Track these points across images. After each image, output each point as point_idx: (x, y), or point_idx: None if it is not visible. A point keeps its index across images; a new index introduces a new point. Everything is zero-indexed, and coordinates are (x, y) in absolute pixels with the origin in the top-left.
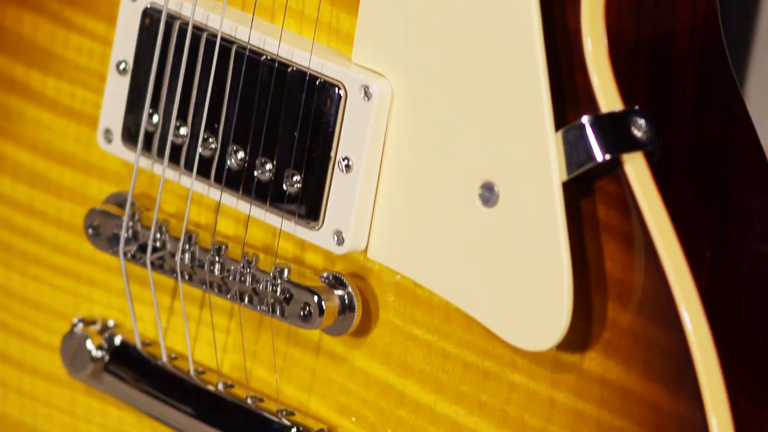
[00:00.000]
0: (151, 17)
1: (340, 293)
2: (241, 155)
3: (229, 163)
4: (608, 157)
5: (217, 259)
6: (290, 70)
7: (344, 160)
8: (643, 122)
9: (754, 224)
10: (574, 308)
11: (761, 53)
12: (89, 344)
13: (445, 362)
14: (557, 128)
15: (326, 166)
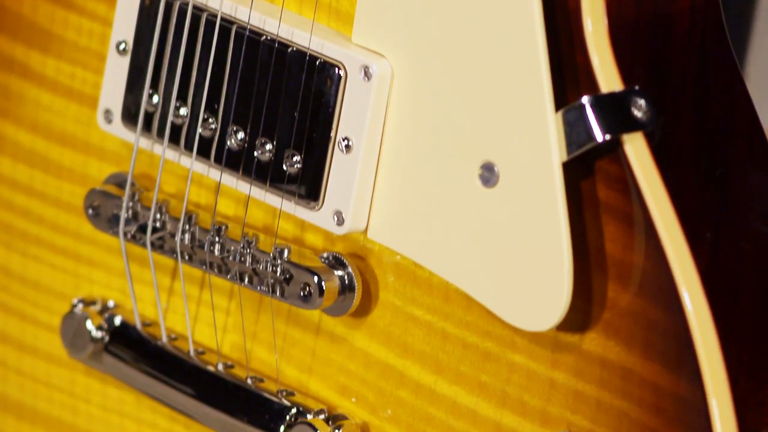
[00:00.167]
0: None
1: (340, 273)
2: (241, 135)
3: (229, 143)
4: (608, 137)
5: (217, 239)
6: (290, 50)
7: (344, 140)
8: (643, 102)
9: (754, 205)
10: (574, 289)
11: (761, 34)
12: (89, 324)
13: (445, 343)
14: (557, 108)
15: (326, 146)
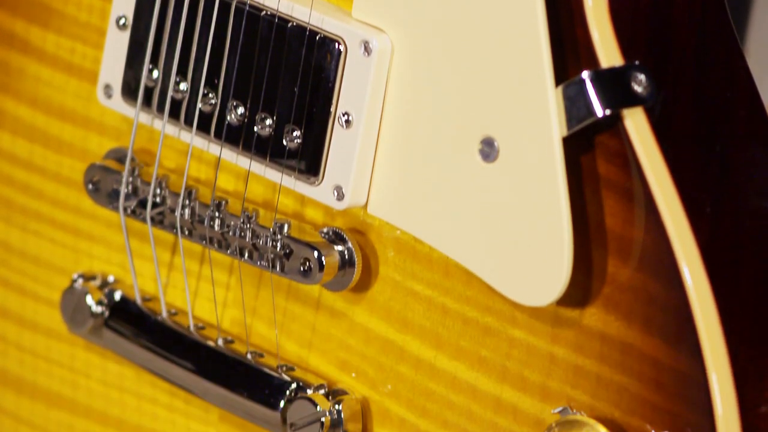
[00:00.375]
0: None
1: (340, 248)
2: (241, 110)
3: (229, 118)
4: (608, 112)
5: (217, 214)
6: (290, 25)
7: (344, 115)
8: (643, 77)
9: (754, 180)
10: (573, 263)
11: (762, 9)
12: (89, 299)
13: (445, 318)
14: (557, 83)
15: (326, 121)
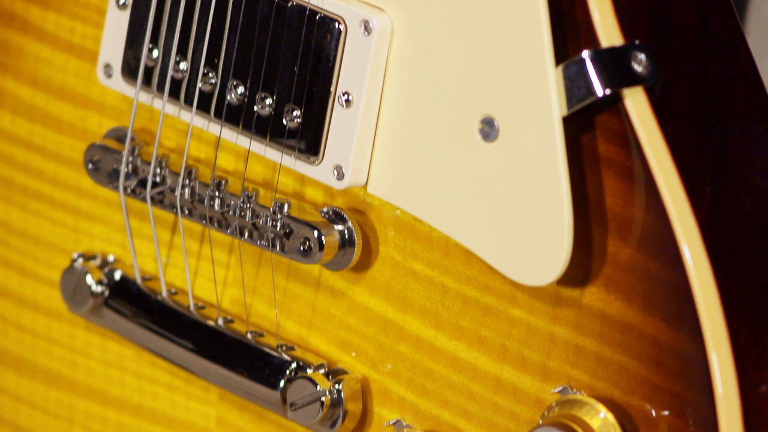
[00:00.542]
0: None
1: (340, 228)
2: (241, 90)
3: (229, 97)
4: (608, 91)
5: (217, 194)
6: (290, 4)
7: (344, 95)
8: (643, 57)
9: (754, 159)
10: (574, 243)
11: None
12: (89, 279)
13: (445, 297)
14: (557, 63)
15: (326, 101)
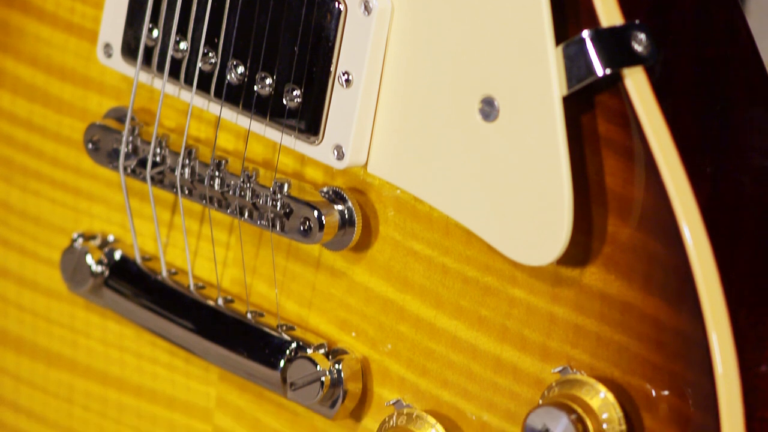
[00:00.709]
0: None
1: (340, 208)
2: (241, 70)
3: (229, 77)
4: (608, 71)
5: (217, 173)
6: None
7: (344, 74)
8: (643, 37)
9: (754, 139)
10: (574, 223)
11: None
12: (89, 259)
13: (445, 277)
14: (557, 43)
15: (326, 80)
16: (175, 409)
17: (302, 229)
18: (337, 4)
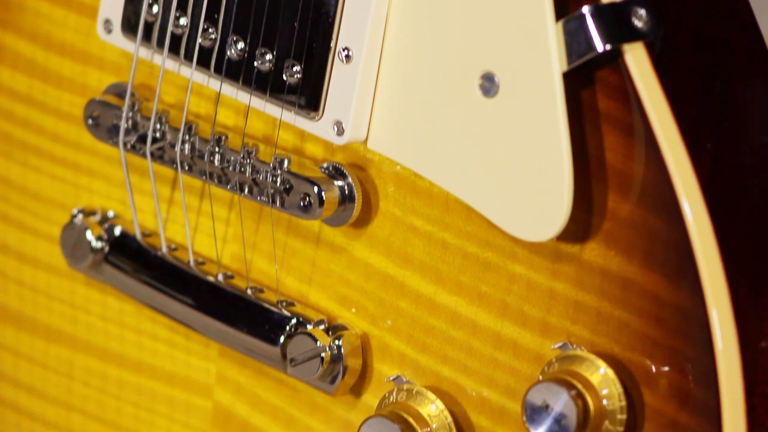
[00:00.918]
0: None
1: (340, 184)
2: (240, 45)
3: (229, 53)
4: (609, 47)
5: (217, 149)
6: None
7: (344, 50)
8: (643, 12)
9: (754, 115)
10: (574, 199)
11: None
12: (89, 235)
13: (445, 253)
14: (558, 18)
15: (326, 56)
16: (175, 385)
17: (302, 204)
18: None
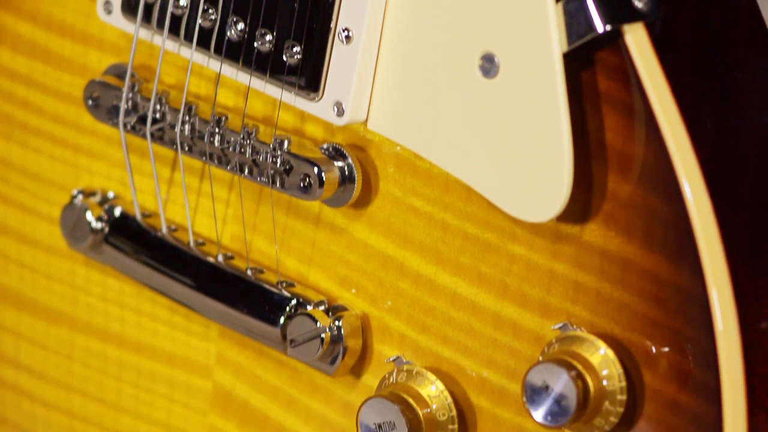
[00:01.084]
0: None
1: (340, 164)
2: (241, 26)
3: (229, 34)
4: (609, 27)
5: (217, 130)
6: None
7: (344, 31)
8: None
9: (755, 96)
10: (574, 179)
11: None
12: (89, 216)
13: (445, 233)
14: None
15: (326, 37)
16: (175, 365)
17: (302, 185)
18: None
